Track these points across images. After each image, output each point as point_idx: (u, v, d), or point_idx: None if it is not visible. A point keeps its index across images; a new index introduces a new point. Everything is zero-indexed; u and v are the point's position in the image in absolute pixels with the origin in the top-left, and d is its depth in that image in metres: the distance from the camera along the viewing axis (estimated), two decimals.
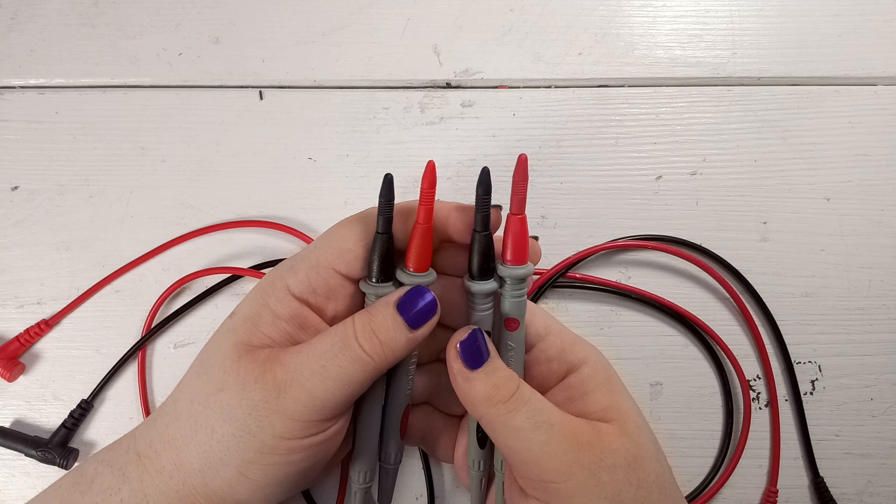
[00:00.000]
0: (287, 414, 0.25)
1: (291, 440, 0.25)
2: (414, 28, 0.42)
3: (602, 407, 0.28)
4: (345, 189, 0.40)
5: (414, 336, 0.27)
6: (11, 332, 0.38)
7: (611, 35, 0.42)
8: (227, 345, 0.27)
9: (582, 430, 0.27)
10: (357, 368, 0.26)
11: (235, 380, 0.26)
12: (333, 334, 0.26)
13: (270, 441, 0.25)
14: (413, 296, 0.27)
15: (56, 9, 0.43)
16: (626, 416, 0.28)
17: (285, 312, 0.27)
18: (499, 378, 0.27)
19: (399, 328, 0.26)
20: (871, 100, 0.41)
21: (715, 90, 0.41)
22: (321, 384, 0.25)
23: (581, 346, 0.30)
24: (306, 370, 0.25)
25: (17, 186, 0.40)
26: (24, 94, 0.42)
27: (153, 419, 0.28)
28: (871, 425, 0.37)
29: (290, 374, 0.25)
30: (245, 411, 0.25)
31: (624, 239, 0.38)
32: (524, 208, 0.27)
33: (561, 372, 0.30)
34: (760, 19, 0.42)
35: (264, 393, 0.25)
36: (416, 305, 0.27)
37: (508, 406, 0.26)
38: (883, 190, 0.40)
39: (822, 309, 0.38)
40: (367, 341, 0.26)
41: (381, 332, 0.26)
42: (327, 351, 0.26)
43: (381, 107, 0.41)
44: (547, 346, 0.30)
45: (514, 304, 0.28)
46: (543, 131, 0.41)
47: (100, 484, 0.26)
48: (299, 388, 0.25)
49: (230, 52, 0.42)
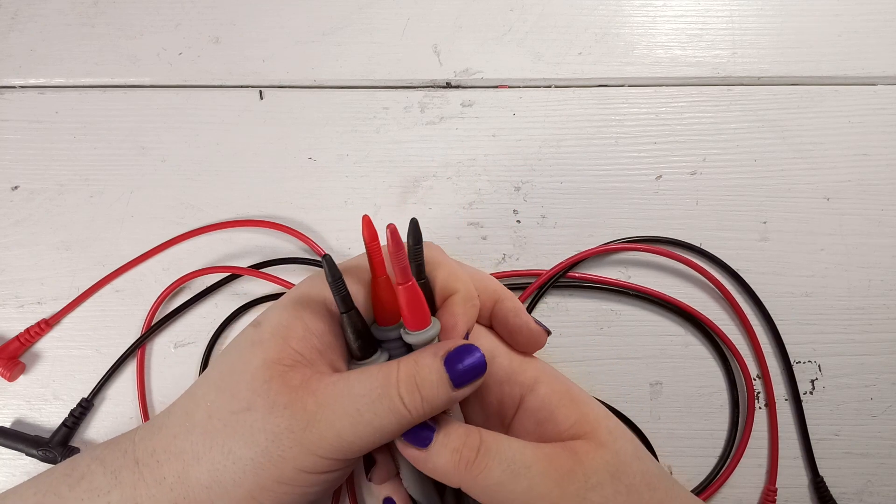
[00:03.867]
0: (311, 448, 0.24)
1: (311, 474, 0.24)
2: (414, 28, 0.42)
3: (572, 423, 0.27)
4: (345, 189, 0.40)
5: (456, 395, 0.25)
6: (12, 332, 0.38)
7: (611, 35, 0.42)
8: (255, 361, 0.25)
9: (560, 459, 0.25)
10: (392, 420, 0.24)
11: (264, 402, 0.24)
12: (374, 378, 0.25)
13: (290, 472, 0.24)
14: (462, 352, 0.25)
15: (56, 9, 0.43)
16: (596, 424, 0.27)
17: (318, 328, 0.26)
18: (456, 440, 0.25)
19: (443, 385, 0.25)
20: (871, 100, 0.41)
21: (715, 90, 0.41)
22: (351, 427, 0.24)
23: (530, 365, 0.29)
24: (339, 409, 0.24)
25: (17, 186, 0.40)
26: (24, 94, 0.42)
27: (158, 426, 0.26)
28: (871, 425, 0.37)
29: (322, 409, 0.24)
30: (269, 437, 0.24)
31: (619, 241, 0.39)
32: (409, 275, 0.25)
33: (515, 395, 0.29)
34: (760, 19, 0.42)
35: (291, 422, 0.24)
36: (464, 362, 0.25)
37: (478, 465, 0.25)
38: (883, 190, 0.40)
39: (822, 308, 0.38)
40: (408, 394, 0.24)
41: (424, 387, 0.25)
42: (365, 395, 0.24)
43: (381, 107, 0.41)
44: (495, 370, 0.29)
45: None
46: (543, 131, 0.41)
47: (89, 482, 0.25)
48: (328, 426, 0.24)
49: (230, 52, 0.42)
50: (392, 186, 0.40)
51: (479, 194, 0.40)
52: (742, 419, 0.37)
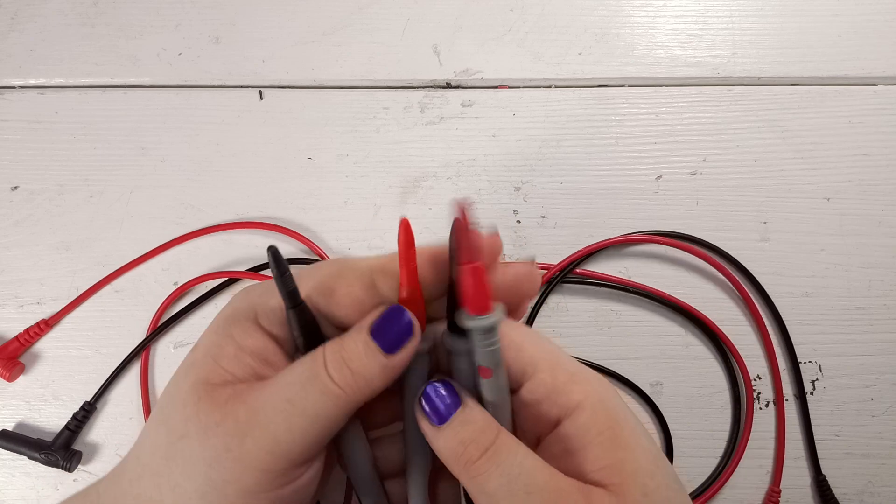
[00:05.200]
0: (252, 464, 0.22)
1: (260, 493, 0.23)
2: (414, 28, 0.42)
3: (600, 466, 0.23)
4: (345, 189, 0.40)
5: (391, 363, 0.24)
6: (11, 332, 0.38)
7: (611, 35, 0.42)
8: (185, 385, 0.24)
9: (571, 497, 0.22)
10: (327, 402, 0.23)
11: (196, 426, 0.23)
12: (300, 364, 0.24)
13: (235, 497, 0.22)
14: (388, 318, 0.24)
15: (56, 9, 0.43)
16: (629, 479, 0.23)
17: (251, 345, 0.24)
18: (469, 433, 0.23)
19: (372, 354, 0.24)
20: (871, 100, 0.41)
21: (715, 90, 0.41)
22: (285, 423, 0.23)
23: (579, 386, 0.25)
24: (269, 408, 0.23)
25: (17, 186, 0.40)
26: (24, 94, 0.42)
27: (118, 474, 0.25)
28: (872, 425, 0.37)
29: (254, 415, 0.23)
30: (207, 463, 0.22)
31: (635, 234, 0.38)
32: (474, 255, 0.22)
33: (552, 416, 0.25)
34: (760, 19, 0.42)
35: (226, 439, 0.22)
36: (392, 328, 0.24)
37: (478, 468, 0.23)
38: (883, 190, 0.40)
39: (823, 309, 0.38)
40: (337, 371, 0.23)
41: (353, 361, 0.23)
42: (293, 383, 0.23)
43: (381, 107, 0.41)
44: (534, 385, 0.25)
45: (483, 354, 0.24)
46: (543, 131, 0.41)
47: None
48: (262, 431, 0.22)
49: (230, 52, 0.42)
50: (392, 186, 0.40)
51: (479, 194, 0.40)
52: (743, 419, 0.37)
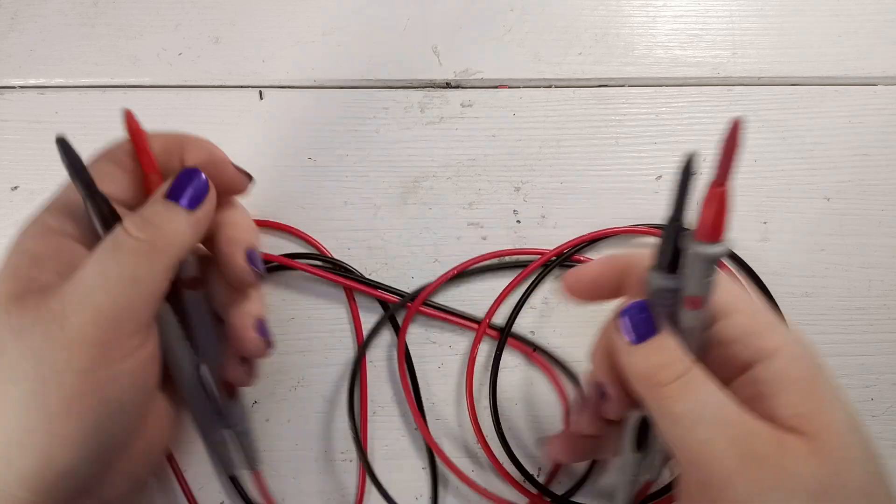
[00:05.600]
0: (80, 342, 0.22)
1: (97, 371, 0.23)
2: (414, 28, 0.42)
3: (794, 413, 0.22)
4: (345, 189, 0.40)
5: (195, 217, 0.26)
6: None
7: (611, 35, 0.42)
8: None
9: (760, 437, 0.22)
10: (139, 260, 0.24)
11: (11, 333, 0.22)
12: (104, 241, 0.24)
13: (72, 380, 0.22)
14: (182, 179, 0.26)
15: (56, 9, 0.43)
16: (826, 429, 0.22)
17: (45, 250, 0.24)
18: (664, 358, 0.23)
19: (174, 210, 0.25)
20: (871, 100, 0.41)
21: (715, 90, 0.41)
22: (104, 293, 0.23)
23: (777, 333, 0.24)
24: (83, 288, 0.23)
25: (16, 186, 0.40)
26: (24, 94, 0.42)
27: None
28: (872, 425, 0.37)
29: (68, 299, 0.23)
30: (31, 362, 0.22)
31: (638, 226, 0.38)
32: (727, 179, 0.23)
33: (742, 359, 0.24)
34: (760, 19, 0.42)
35: (46, 330, 0.22)
36: (189, 186, 0.26)
37: (667, 392, 0.22)
38: (883, 190, 0.40)
39: (822, 309, 0.38)
40: (140, 230, 0.24)
41: (155, 217, 0.25)
42: (101, 258, 0.24)
43: (381, 107, 0.41)
44: (730, 325, 0.24)
45: (701, 284, 0.24)
46: (543, 131, 0.41)
47: None
48: (82, 307, 0.23)
49: (230, 52, 0.42)
50: (392, 186, 0.40)
51: (479, 194, 0.40)
52: None
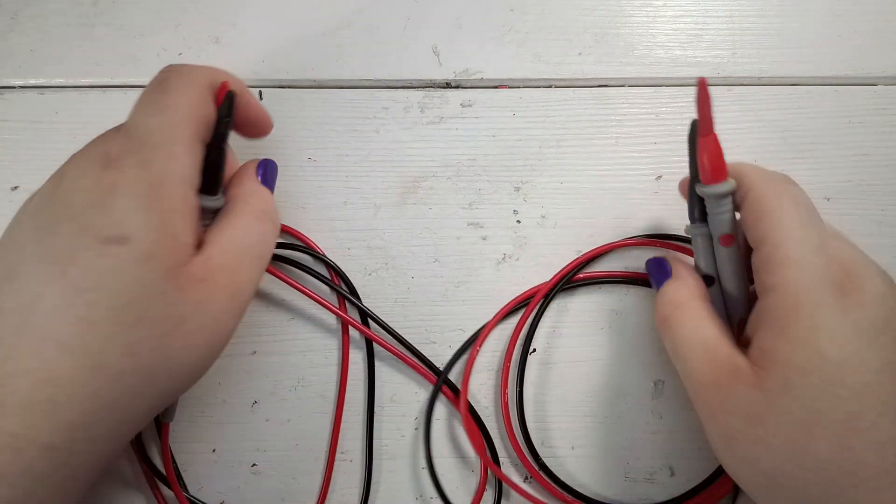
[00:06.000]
0: (214, 314, 0.25)
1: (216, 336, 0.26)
2: (414, 28, 0.42)
3: (759, 348, 0.25)
4: (345, 189, 0.40)
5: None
6: None
7: (611, 35, 0.42)
8: (155, 286, 0.23)
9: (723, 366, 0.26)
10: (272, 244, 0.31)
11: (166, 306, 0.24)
12: (245, 214, 0.28)
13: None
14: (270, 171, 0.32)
15: (56, 9, 0.43)
16: (776, 368, 0.23)
17: (185, 207, 0.25)
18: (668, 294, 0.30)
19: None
20: (871, 100, 0.41)
21: (715, 90, 0.41)
22: (245, 273, 0.27)
23: (785, 270, 0.25)
24: (230, 263, 0.26)
25: (16, 186, 0.40)
26: (24, 94, 0.42)
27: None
28: None
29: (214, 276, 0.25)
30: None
31: (636, 237, 0.38)
32: (710, 128, 0.29)
33: (760, 290, 0.26)
34: (760, 19, 0.42)
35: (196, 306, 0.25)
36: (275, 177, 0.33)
37: (663, 325, 0.30)
38: (883, 190, 0.40)
39: None
40: (274, 217, 0.30)
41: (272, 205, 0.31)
42: (244, 233, 0.27)
43: (381, 107, 0.41)
44: (756, 256, 0.27)
45: (720, 221, 0.30)
46: (543, 131, 0.41)
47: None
48: (226, 282, 0.26)
49: (230, 52, 0.42)
50: (392, 186, 0.40)
51: (479, 194, 0.40)
52: None
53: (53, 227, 0.22)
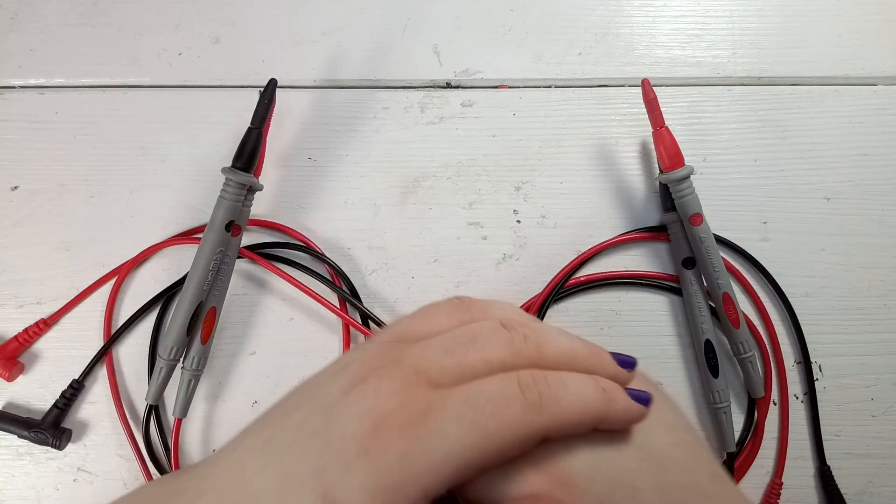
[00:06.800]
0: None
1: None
2: (414, 28, 0.42)
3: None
4: (345, 189, 0.40)
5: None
6: (11, 332, 0.38)
7: (611, 35, 0.42)
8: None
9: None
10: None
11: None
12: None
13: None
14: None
15: (56, 9, 0.43)
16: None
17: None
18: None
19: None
20: (871, 100, 0.41)
21: (715, 90, 0.41)
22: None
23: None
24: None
25: (17, 186, 0.40)
26: (24, 94, 0.42)
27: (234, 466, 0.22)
28: (872, 425, 0.37)
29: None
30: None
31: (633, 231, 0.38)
32: (661, 122, 0.35)
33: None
34: (760, 19, 0.42)
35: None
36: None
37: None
38: (883, 190, 0.40)
39: (823, 309, 0.38)
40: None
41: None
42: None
43: (382, 107, 0.41)
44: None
45: (687, 202, 0.35)
46: (543, 131, 0.41)
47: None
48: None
49: (230, 52, 0.42)
50: (392, 186, 0.40)
51: (479, 194, 0.40)
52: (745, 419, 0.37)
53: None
